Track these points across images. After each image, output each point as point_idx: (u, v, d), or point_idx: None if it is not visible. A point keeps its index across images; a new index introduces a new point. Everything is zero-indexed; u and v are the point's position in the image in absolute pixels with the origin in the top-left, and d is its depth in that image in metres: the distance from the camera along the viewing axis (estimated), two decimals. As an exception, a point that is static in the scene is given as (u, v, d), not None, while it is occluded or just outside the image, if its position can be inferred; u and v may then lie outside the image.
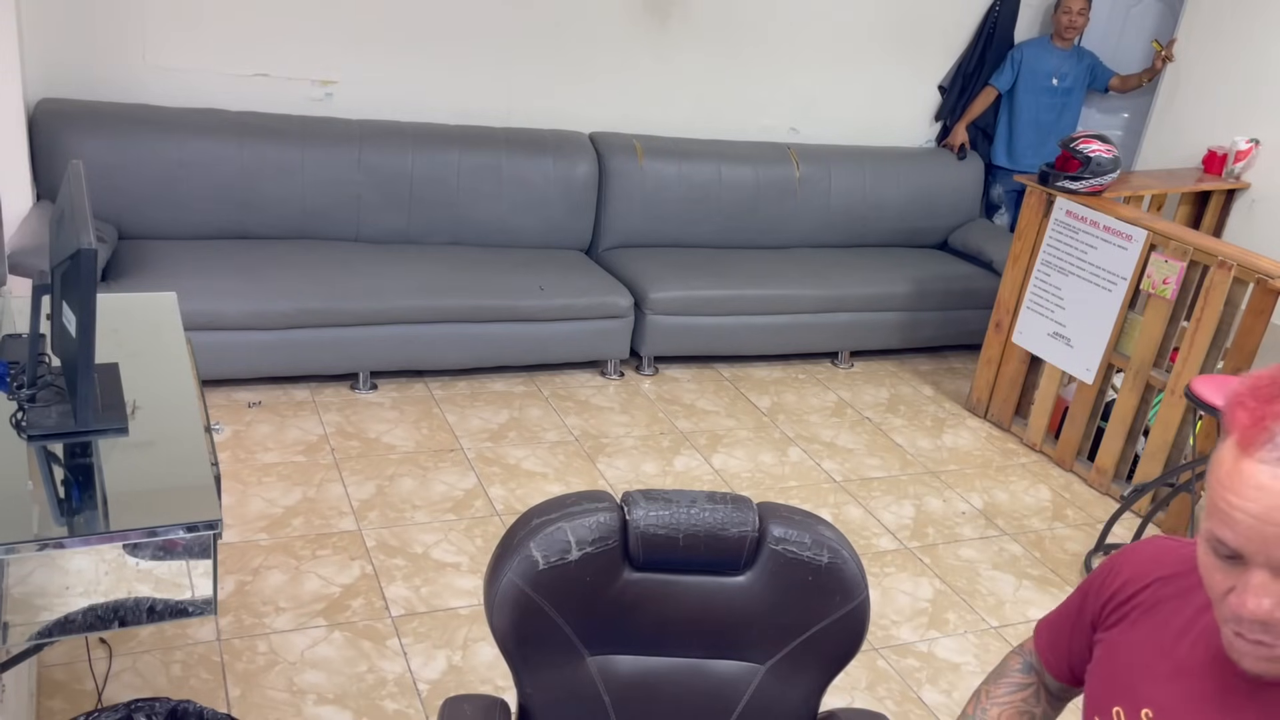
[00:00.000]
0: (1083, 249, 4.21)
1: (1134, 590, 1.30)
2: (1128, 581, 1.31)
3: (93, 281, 1.67)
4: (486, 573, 1.62)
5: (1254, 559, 1.00)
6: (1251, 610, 1.01)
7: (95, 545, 1.61)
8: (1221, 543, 1.02)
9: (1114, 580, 1.32)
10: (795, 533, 1.64)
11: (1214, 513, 1.02)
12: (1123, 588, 1.31)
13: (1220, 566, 1.05)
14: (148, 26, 4.12)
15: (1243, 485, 0.99)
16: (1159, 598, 1.27)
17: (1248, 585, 1.01)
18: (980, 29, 5.62)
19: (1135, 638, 1.27)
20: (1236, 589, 1.03)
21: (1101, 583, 1.34)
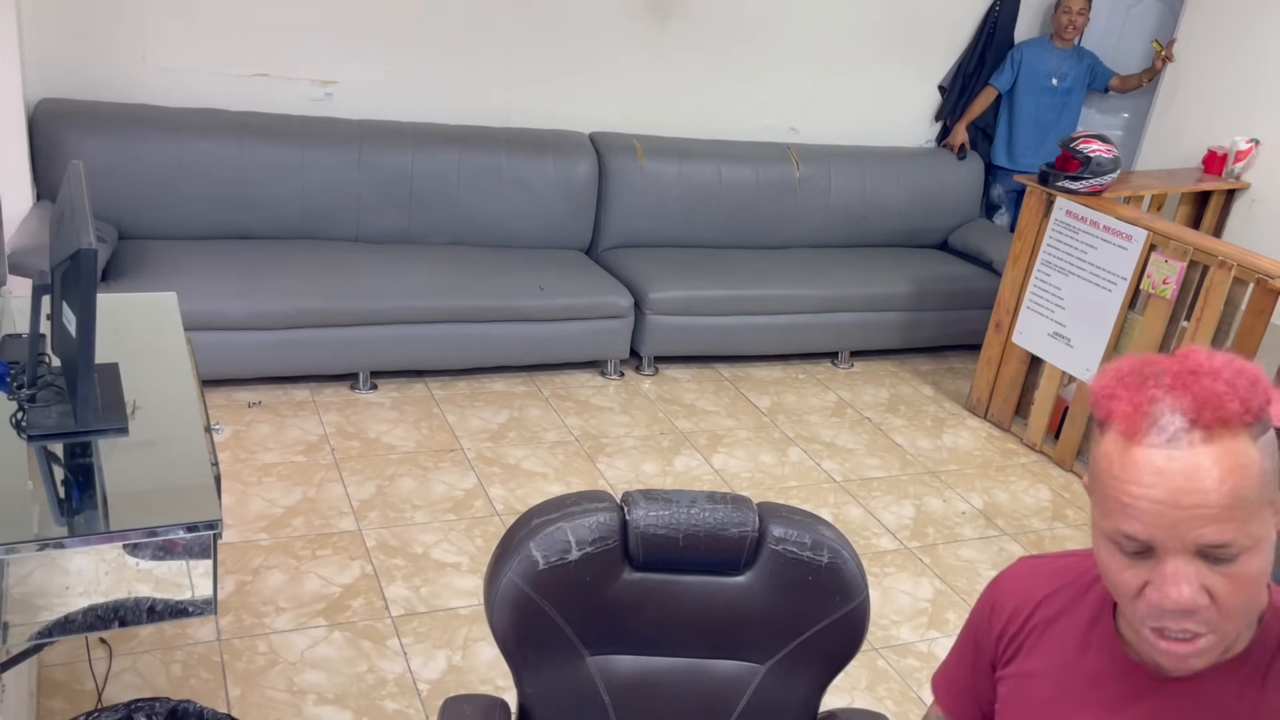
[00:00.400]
0: (1083, 249, 4.21)
1: (1022, 619, 1.27)
2: (1014, 613, 1.28)
3: (93, 281, 1.67)
4: (486, 573, 1.62)
5: (1166, 546, 0.98)
6: (1174, 600, 0.98)
7: (95, 545, 1.61)
8: (1129, 538, 1.00)
9: (1000, 616, 1.30)
10: (795, 533, 1.64)
11: (1114, 510, 1.00)
12: (1010, 620, 1.28)
13: (1128, 565, 1.02)
14: (148, 26, 4.12)
15: (1140, 474, 0.97)
16: (1048, 618, 1.24)
17: (1164, 576, 0.99)
18: (980, 29, 5.62)
19: (1039, 664, 1.23)
20: (1152, 583, 1.00)
21: (988, 621, 1.31)
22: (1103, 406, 1.03)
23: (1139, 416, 0.99)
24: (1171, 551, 0.98)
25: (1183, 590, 0.98)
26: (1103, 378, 1.05)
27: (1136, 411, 0.99)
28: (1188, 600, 0.98)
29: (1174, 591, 0.98)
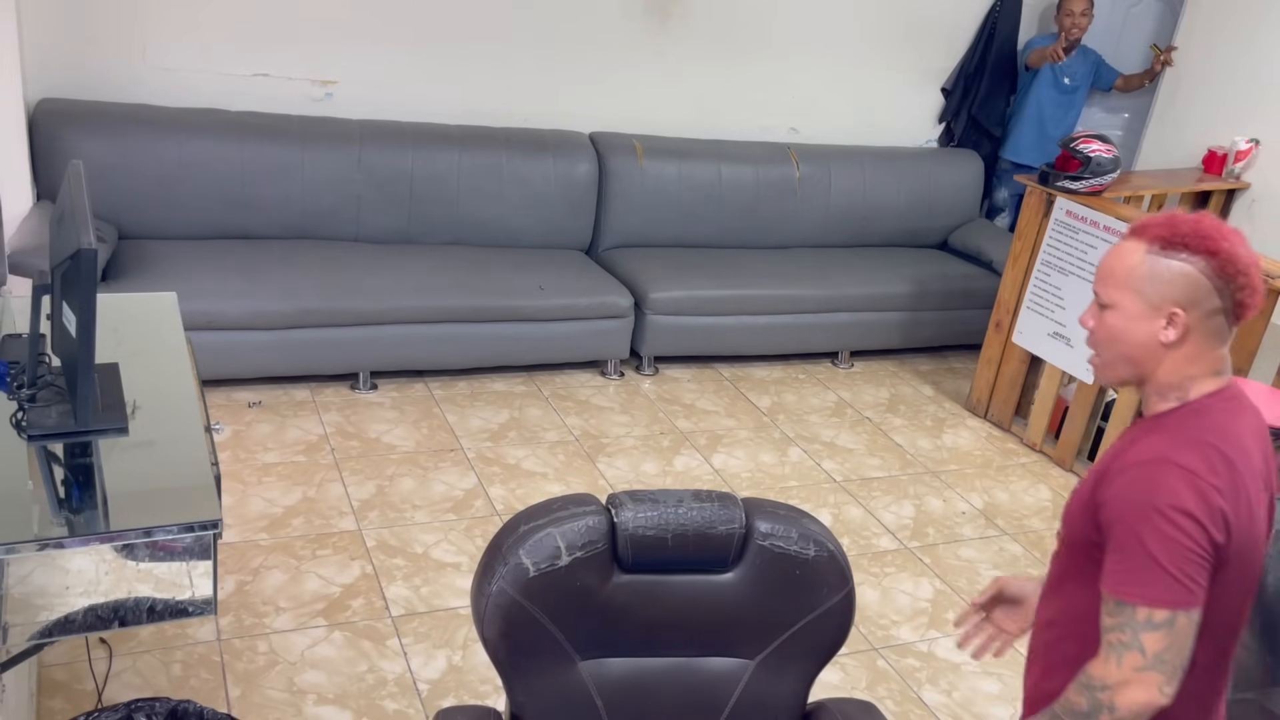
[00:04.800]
0: (1083, 249, 4.21)
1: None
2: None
3: (93, 281, 1.67)
4: (474, 582, 1.61)
5: (1095, 296, 1.58)
6: (1080, 320, 1.62)
7: (95, 545, 1.61)
8: (1095, 294, 1.58)
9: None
10: (781, 527, 1.65)
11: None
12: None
13: (1093, 313, 1.60)
14: (148, 26, 4.12)
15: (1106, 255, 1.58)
16: None
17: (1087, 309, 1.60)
18: (980, 30, 5.62)
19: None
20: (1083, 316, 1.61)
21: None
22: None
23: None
24: (1096, 300, 1.58)
25: (1088, 320, 1.60)
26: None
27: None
28: (1082, 319, 1.61)
29: (1082, 317, 1.62)
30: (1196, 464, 1.43)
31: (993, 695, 2.98)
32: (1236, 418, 1.52)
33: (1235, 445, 1.48)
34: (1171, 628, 1.41)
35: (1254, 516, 1.48)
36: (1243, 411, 1.54)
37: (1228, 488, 1.44)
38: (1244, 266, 1.48)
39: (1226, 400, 1.53)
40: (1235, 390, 1.56)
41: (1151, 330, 1.51)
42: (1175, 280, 1.48)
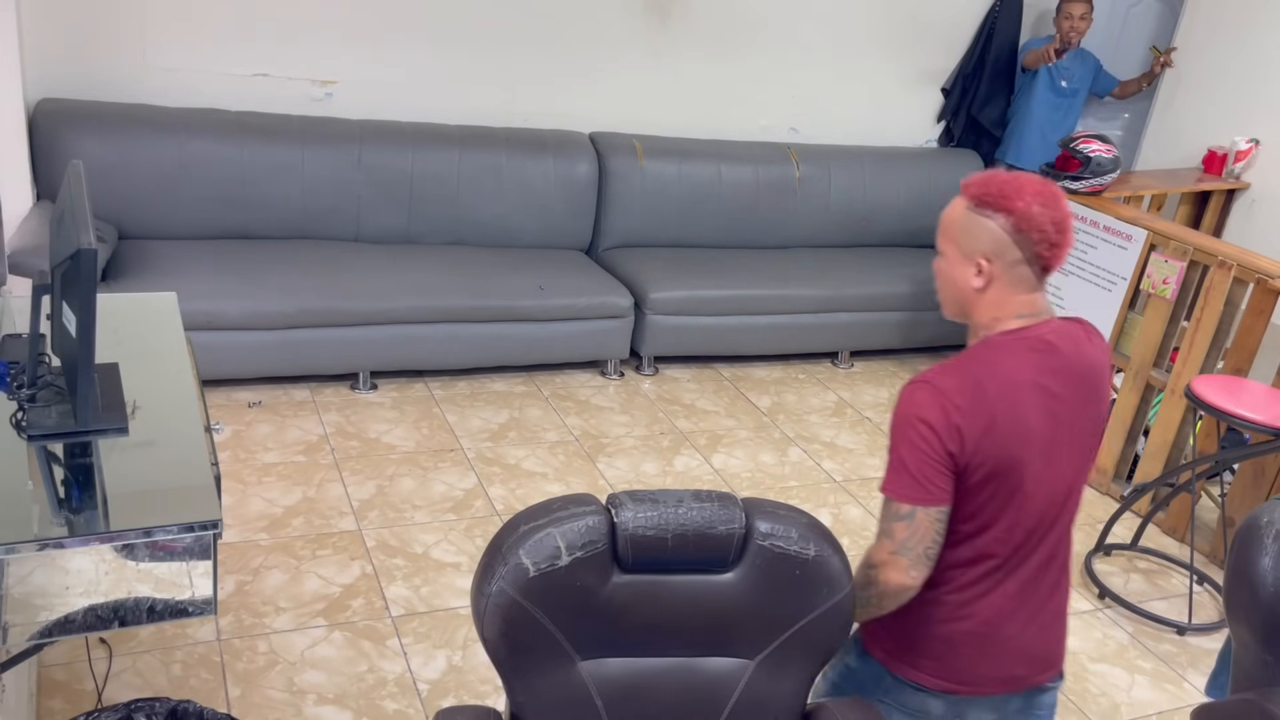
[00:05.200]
0: (1083, 249, 4.21)
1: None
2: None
3: (93, 281, 1.67)
4: (474, 582, 1.61)
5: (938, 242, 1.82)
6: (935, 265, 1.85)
7: (95, 545, 1.61)
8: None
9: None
10: (781, 527, 1.65)
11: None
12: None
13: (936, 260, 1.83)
14: (148, 26, 4.12)
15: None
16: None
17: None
18: (980, 30, 5.62)
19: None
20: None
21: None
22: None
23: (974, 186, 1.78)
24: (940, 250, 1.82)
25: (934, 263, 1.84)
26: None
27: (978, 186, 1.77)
28: (936, 267, 1.83)
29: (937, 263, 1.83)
30: (949, 385, 1.67)
31: (993, 695, 2.98)
32: (1020, 354, 1.71)
33: (998, 375, 1.68)
34: (912, 520, 1.67)
35: (1003, 436, 1.67)
36: (1035, 349, 1.72)
37: (969, 408, 1.65)
38: (1039, 224, 1.67)
39: (1019, 339, 1.72)
40: (1036, 331, 1.73)
41: (966, 277, 1.74)
42: (981, 235, 1.71)
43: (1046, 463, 1.73)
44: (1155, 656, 3.27)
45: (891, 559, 1.69)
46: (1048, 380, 1.72)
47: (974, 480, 1.69)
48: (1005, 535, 1.74)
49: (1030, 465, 1.70)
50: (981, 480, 1.69)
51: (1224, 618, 3.30)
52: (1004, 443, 1.67)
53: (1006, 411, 1.67)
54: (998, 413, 1.67)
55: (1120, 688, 3.10)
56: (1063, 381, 1.73)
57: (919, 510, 1.67)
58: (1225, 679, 3.03)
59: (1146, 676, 3.17)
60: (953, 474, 1.68)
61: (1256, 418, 3.21)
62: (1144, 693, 3.09)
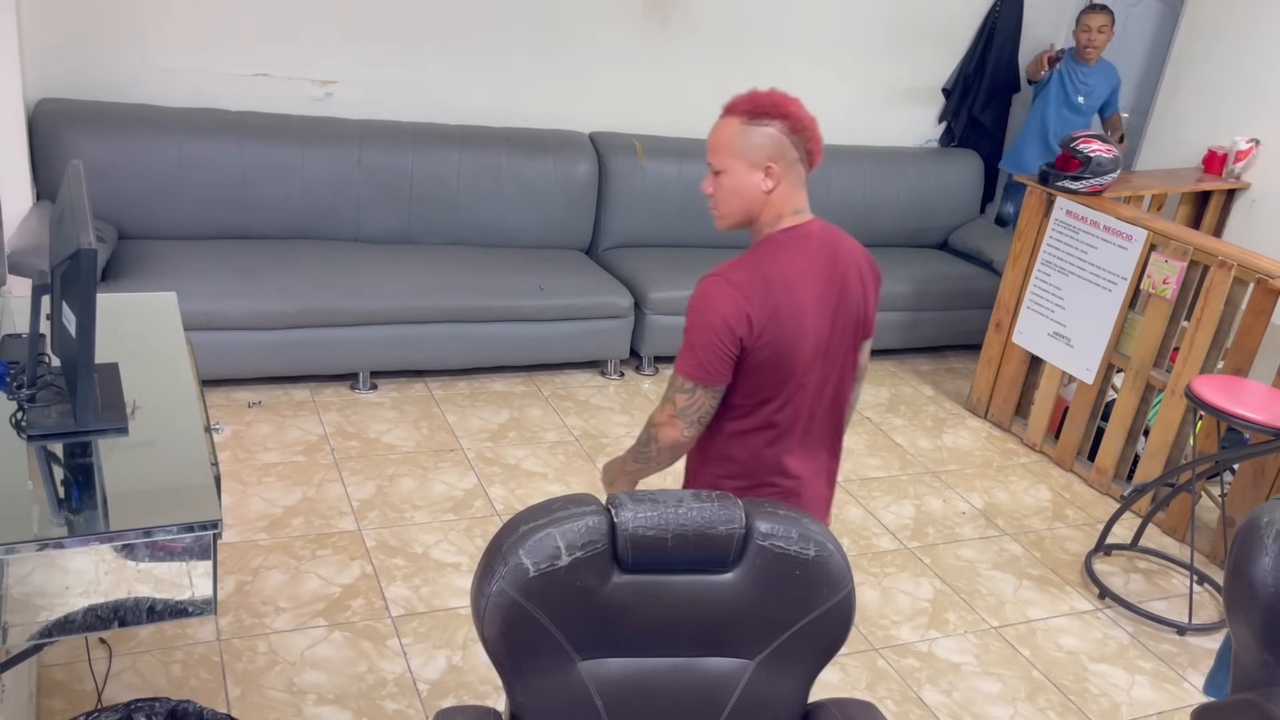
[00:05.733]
0: (1083, 249, 4.21)
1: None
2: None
3: (93, 281, 1.67)
4: (474, 582, 1.61)
5: (709, 166, 2.03)
6: (701, 189, 2.07)
7: (95, 545, 1.61)
8: (709, 164, 2.02)
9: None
10: (781, 528, 1.64)
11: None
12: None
13: (711, 180, 2.03)
14: (148, 26, 4.12)
15: (713, 128, 2.02)
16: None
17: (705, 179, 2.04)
18: (981, 30, 5.62)
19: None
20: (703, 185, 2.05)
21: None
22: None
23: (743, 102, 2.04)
24: (711, 169, 2.03)
25: (706, 187, 2.04)
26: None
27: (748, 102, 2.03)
28: (703, 187, 2.05)
29: (703, 185, 2.04)
30: (740, 279, 1.94)
31: (993, 695, 2.98)
32: (796, 249, 2.00)
33: (780, 269, 1.97)
34: (693, 394, 1.98)
35: (785, 322, 1.95)
36: (807, 244, 2.02)
37: (758, 299, 1.93)
38: (808, 124, 2.04)
39: (794, 235, 2.01)
40: (807, 229, 2.04)
41: (755, 182, 1.98)
42: (765, 142, 1.98)
43: (820, 344, 2.03)
44: (1155, 656, 3.27)
45: (671, 421, 2.02)
46: (819, 270, 2.02)
47: (759, 360, 1.97)
48: (786, 407, 2.04)
49: (806, 346, 2.00)
50: (765, 360, 1.97)
51: (1224, 618, 3.30)
52: (786, 328, 1.96)
53: (788, 300, 1.96)
54: (780, 302, 1.95)
55: (1120, 688, 3.10)
56: (831, 268, 2.04)
57: (699, 388, 1.98)
58: (1223, 678, 3.04)
59: (1147, 676, 3.17)
60: (735, 358, 1.97)
61: (1256, 418, 3.21)
62: (1144, 693, 3.10)
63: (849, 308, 2.07)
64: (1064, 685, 3.07)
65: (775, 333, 1.95)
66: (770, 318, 1.94)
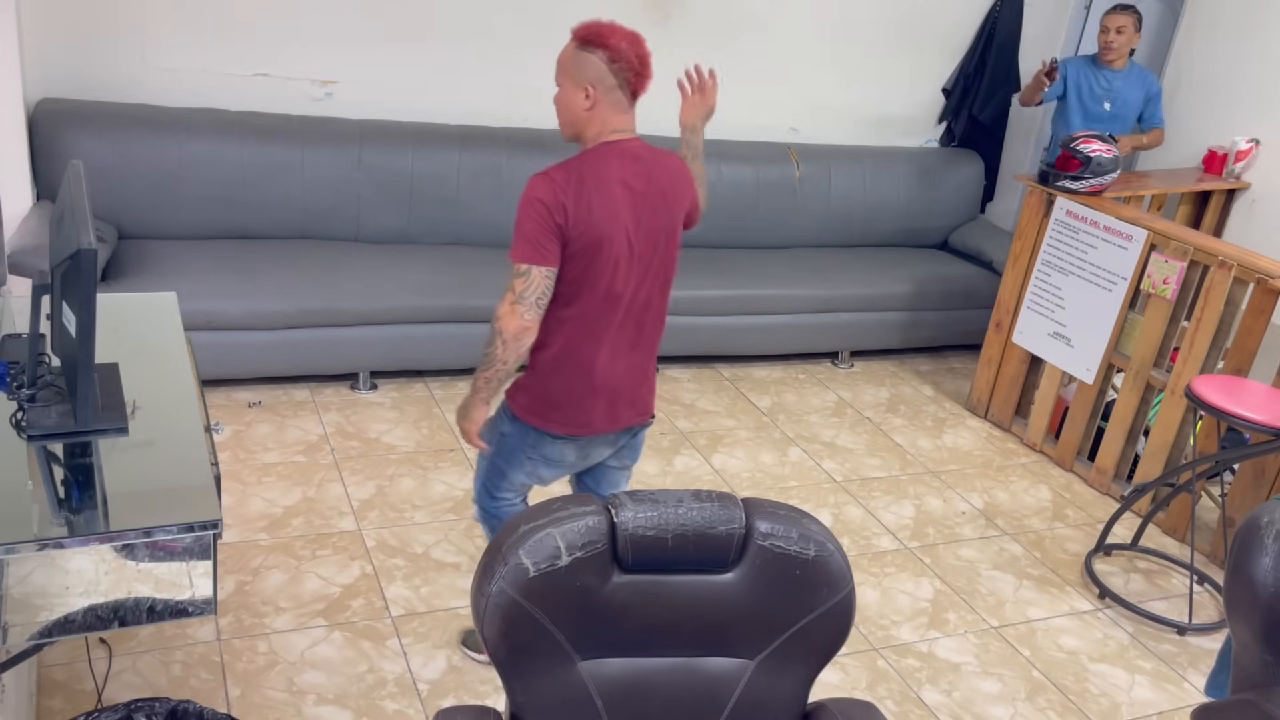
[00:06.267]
0: (1083, 249, 4.21)
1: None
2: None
3: (93, 281, 1.67)
4: (474, 582, 1.61)
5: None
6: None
7: (95, 545, 1.61)
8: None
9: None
10: (782, 528, 1.64)
11: None
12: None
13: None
14: (148, 26, 4.12)
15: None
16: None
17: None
18: (981, 29, 5.62)
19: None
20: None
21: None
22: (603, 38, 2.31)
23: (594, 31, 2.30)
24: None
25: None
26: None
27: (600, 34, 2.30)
28: (555, 99, 2.35)
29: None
30: (559, 176, 2.23)
31: (993, 695, 2.98)
32: (613, 159, 2.29)
33: (596, 172, 2.26)
34: (529, 276, 2.23)
35: (597, 217, 2.23)
36: (624, 156, 2.30)
37: (573, 192, 2.22)
38: (627, 58, 2.28)
39: (613, 148, 2.30)
40: (626, 144, 2.32)
41: (578, 100, 2.29)
42: (587, 67, 2.27)
43: (632, 243, 2.30)
44: (1156, 656, 3.27)
45: (512, 309, 2.24)
46: (632, 179, 2.30)
47: (575, 249, 2.24)
48: (601, 299, 2.30)
49: (618, 243, 2.27)
50: (580, 249, 2.24)
51: (1224, 618, 3.30)
52: (598, 223, 2.23)
53: (600, 199, 2.24)
54: (593, 199, 2.23)
55: (1121, 688, 3.10)
56: (645, 181, 2.32)
57: (534, 268, 2.23)
58: (1224, 678, 3.04)
59: (1147, 676, 3.17)
60: (560, 242, 2.23)
61: (1256, 418, 3.21)
62: (1144, 693, 3.10)
63: (660, 218, 2.35)
64: (1064, 685, 3.07)
65: (588, 224, 2.23)
66: (584, 210, 2.22)
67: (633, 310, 2.36)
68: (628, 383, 2.43)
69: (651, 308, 2.40)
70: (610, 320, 2.33)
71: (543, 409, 2.40)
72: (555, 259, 2.23)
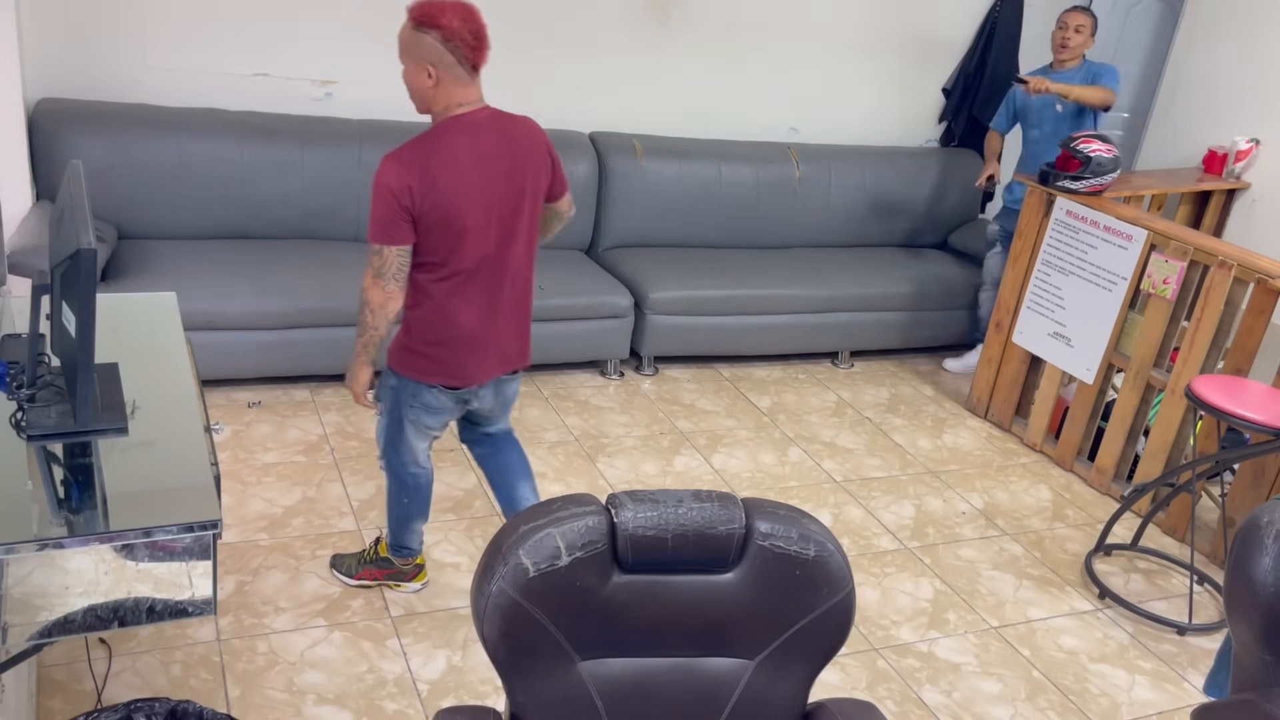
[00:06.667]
0: (1083, 249, 4.21)
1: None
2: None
3: (92, 281, 1.67)
4: (474, 582, 1.61)
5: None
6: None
7: (95, 545, 1.61)
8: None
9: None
10: (781, 528, 1.64)
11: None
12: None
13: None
14: (148, 26, 4.12)
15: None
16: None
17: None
18: (981, 29, 5.62)
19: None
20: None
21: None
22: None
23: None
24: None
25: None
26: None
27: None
28: (403, 78, 2.47)
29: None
30: (405, 157, 2.37)
31: (993, 695, 2.98)
32: (460, 132, 2.43)
33: (441, 149, 2.40)
34: (383, 255, 2.43)
35: (445, 192, 2.39)
36: (472, 127, 2.44)
37: (418, 173, 2.36)
38: (460, 35, 2.36)
39: (460, 121, 2.44)
40: (473, 116, 2.45)
41: (422, 79, 2.42)
42: (425, 47, 2.38)
43: (488, 208, 2.47)
44: (1156, 656, 3.27)
45: (374, 283, 2.46)
46: (483, 148, 2.45)
47: (428, 223, 2.42)
48: (466, 263, 2.49)
49: (471, 212, 2.44)
50: (433, 223, 2.42)
51: (1224, 618, 3.30)
52: (446, 198, 2.40)
53: (448, 176, 2.39)
54: (439, 177, 2.38)
55: (1121, 688, 3.10)
56: (497, 147, 2.47)
57: (386, 248, 2.42)
58: (1224, 678, 3.04)
59: (1147, 676, 3.17)
60: (410, 221, 2.40)
61: (1256, 418, 3.21)
62: (1144, 693, 3.10)
63: (515, 181, 2.51)
64: (1064, 685, 3.07)
65: (436, 201, 2.39)
66: (430, 189, 2.37)
67: (496, 271, 2.55)
68: (495, 338, 2.63)
69: (514, 266, 2.59)
70: (473, 281, 2.53)
71: (419, 363, 2.63)
72: (406, 237, 2.42)
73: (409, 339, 2.63)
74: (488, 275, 2.55)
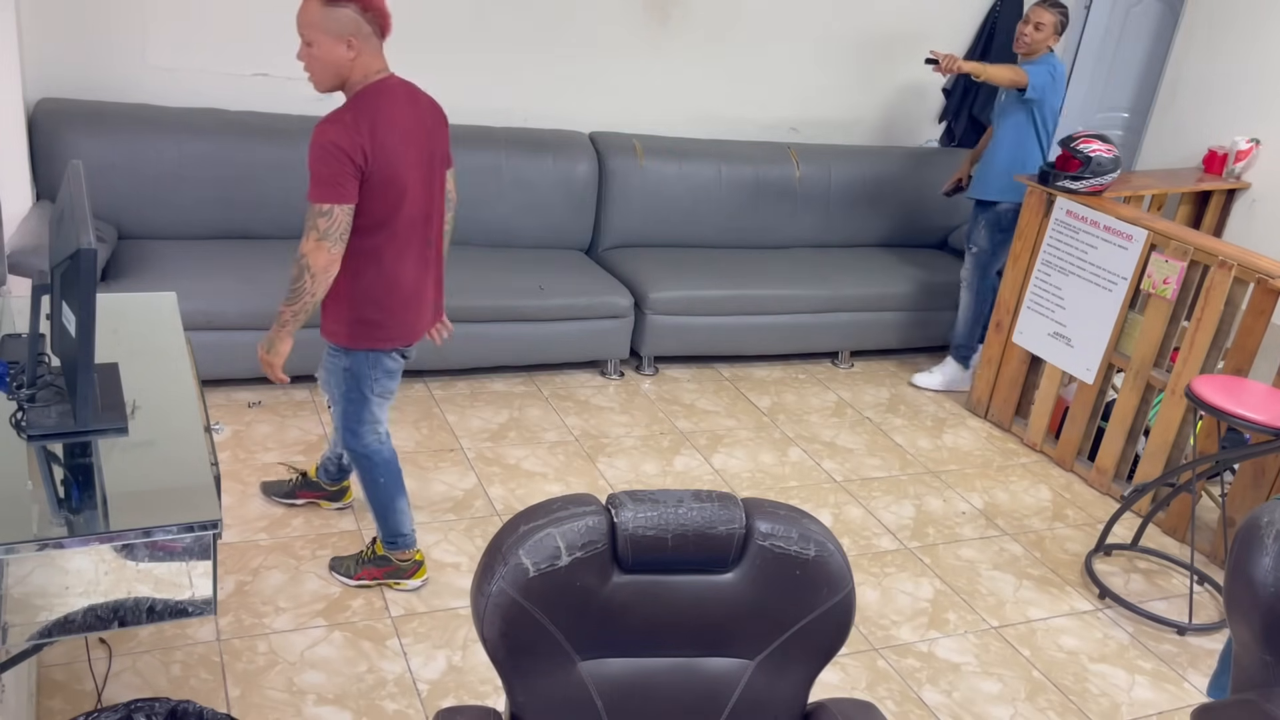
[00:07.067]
0: (1083, 249, 4.21)
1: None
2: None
3: (92, 281, 1.67)
4: (474, 582, 1.61)
5: (301, 38, 2.48)
6: (296, 57, 2.51)
7: (95, 545, 1.61)
8: (300, 37, 2.48)
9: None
10: (782, 528, 1.64)
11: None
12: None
13: (304, 50, 2.50)
14: (148, 26, 4.12)
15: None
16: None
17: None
18: (981, 29, 5.62)
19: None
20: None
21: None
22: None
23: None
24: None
25: (299, 54, 2.50)
26: None
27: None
28: (298, 55, 2.51)
29: (297, 53, 2.50)
30: (349, 119, 2.46)
31: (993, 695, 2.98)
32: (388, 97, 2.54)
33: (380, 111, 2.51)
34: (331, 215, 2.47)
35: (388, 153, 2.50)
36: (395, 94, 2.56)
37: (366, 132, 2.46)
38: (376, 6, 2.50)
39: (382, 87, 2.55)
40: (389, 83, 2.57)
41: (340, 52, 2.48)
42: (342, 21, 2.46)
43: (418, 172, 2.60)
44: (1156, 656, 3.27)
45: (318, 244, 2.49)
46: (406, 114, 2.57)
47: (374, 183, 2.50)
48: (403, 224, 2.61)
49: (409, 174, 2.57)
50: (379, 183, 2.50)
51: (1224, 618, 3.30)
52: (391, 158, 2.51)
53: (392, 137, 2.51)
54: (386, 138, 2.49)
55: (1121, 688, 3.10)
56: (415, 111, 2.61)
57: (336, 207, 2.47)
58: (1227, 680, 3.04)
59: (1147, 677, 3.17)
60: (358, 180, 2.47)
61: (1257, 418, 3.21)
62: (1144, 693, 3.10)
63: (431, 143, 2.66)
64: (1064, 685, 3.07)
65: (384, 160, 2.49)
66: (379, 148, 2.48)
67: (424, 230, 2.70)
68: (427, 293, 2.79)
69: (435, 224, 2.75)
70: (410, 241, 2.65)
71: (373, 331, 2.69)
72: (353, 196, 2.49)
73: (354, 310, 2.67)
74: (419, 234, 2.68)
